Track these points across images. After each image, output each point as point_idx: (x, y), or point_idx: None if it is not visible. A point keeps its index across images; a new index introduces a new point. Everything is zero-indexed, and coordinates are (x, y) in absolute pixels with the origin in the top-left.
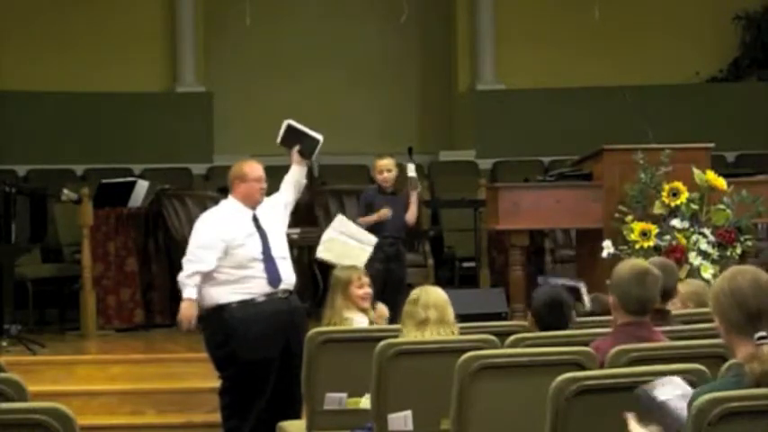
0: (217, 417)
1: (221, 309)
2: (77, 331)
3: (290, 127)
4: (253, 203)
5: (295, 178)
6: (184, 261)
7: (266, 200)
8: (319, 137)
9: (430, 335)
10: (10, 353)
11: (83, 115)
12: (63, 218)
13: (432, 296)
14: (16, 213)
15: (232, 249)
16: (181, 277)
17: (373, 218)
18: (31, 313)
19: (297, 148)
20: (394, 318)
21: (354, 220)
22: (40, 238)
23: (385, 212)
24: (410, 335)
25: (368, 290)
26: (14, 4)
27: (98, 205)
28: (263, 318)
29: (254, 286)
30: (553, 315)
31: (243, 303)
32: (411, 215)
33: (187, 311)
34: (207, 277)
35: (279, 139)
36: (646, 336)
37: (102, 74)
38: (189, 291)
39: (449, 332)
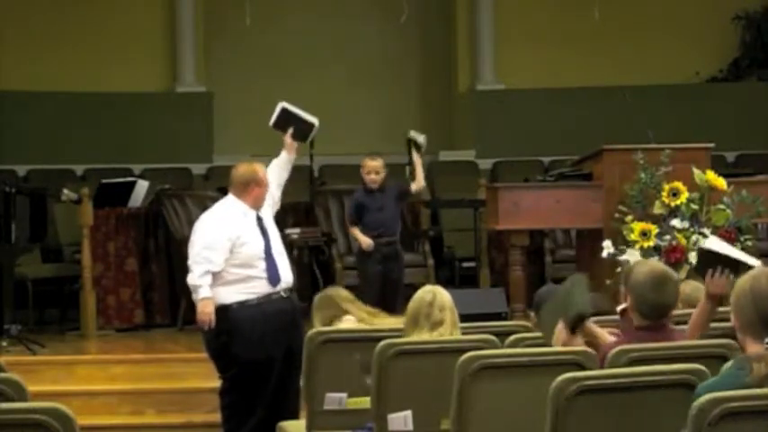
0: (217, 417)
1: (225, 309)
2: (77, 331)
3: (284, 110)
4: (260, 206)
5: (282, 162)
6: (191, 263)
7: None
8: (315, 120)
9: (441, 336)
10: (10, 353)
11: (83, 115)
12: (63, 218)
13: (445, 297)
14: (16, 213)
15: (237, 248)
16: (192, 279)
17: (359, 237)
18: (31, 313)
19: (290, 131)
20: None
21: (345, 222)
22: (40, 238)
23: (368, 244)
24: (421, 336)
25: None
26: (14, 4)
27: (98, 205)
28: (267, 318)
29: (257, 286)
30: None
31: (246, 303)
32: (419, 182)
33: (206, 309)
34: (212, 277)
35: (272, 122)
36: (663, 339)
37: (102, 74)
38: (204, 291)
39: (458, 335)
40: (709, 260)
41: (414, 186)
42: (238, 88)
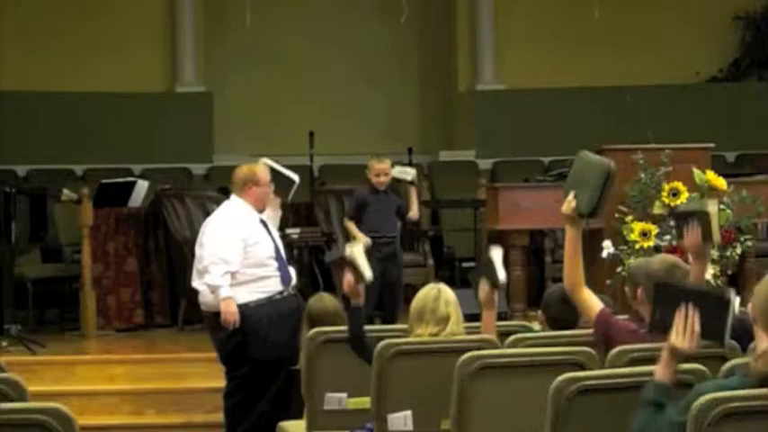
0: (217, 417)
1: (239, 308)
2: (77, 331)
3: (265, 166)
4: (261, 207)
5: (268, 219)
6: (208, 265)
7: None
8: (295, 177)
9: (450, 332)
10: (10, 353)
11: (83, 115)
12: (63, 218)
13: (450, 293)
14: (16, 213)
15: (249, 247)
16: (212, 280)
17: (356, 234)
18: (31, 313)
19: (272, 187)
20: (391, 319)
21: (344, 218)
22: (40, 238)
23: (366, 242)
24: (426, 331)
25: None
26: (14, 5)
27: (98, 205)
28: (281, 317)
29: (270, 285)
30: (567, 311)
31: (261, 303)
32: (414, 212)
33: (230, 309)
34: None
35: None
36: None
37: (102, 74)
38: (225, 290)
39: (463, 332)
40: (682, 220)
41: (410, 215)
42: (238, 88)
